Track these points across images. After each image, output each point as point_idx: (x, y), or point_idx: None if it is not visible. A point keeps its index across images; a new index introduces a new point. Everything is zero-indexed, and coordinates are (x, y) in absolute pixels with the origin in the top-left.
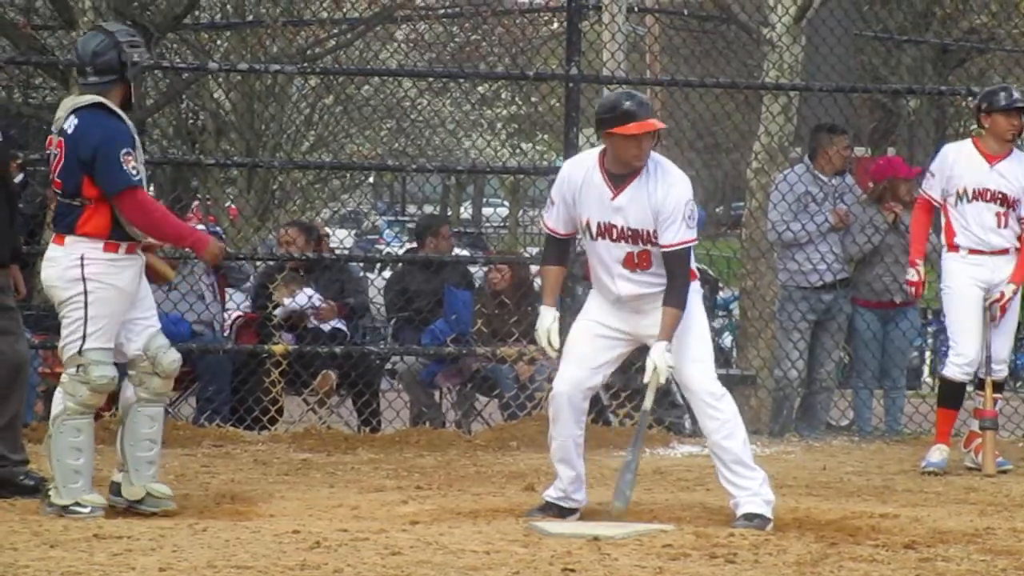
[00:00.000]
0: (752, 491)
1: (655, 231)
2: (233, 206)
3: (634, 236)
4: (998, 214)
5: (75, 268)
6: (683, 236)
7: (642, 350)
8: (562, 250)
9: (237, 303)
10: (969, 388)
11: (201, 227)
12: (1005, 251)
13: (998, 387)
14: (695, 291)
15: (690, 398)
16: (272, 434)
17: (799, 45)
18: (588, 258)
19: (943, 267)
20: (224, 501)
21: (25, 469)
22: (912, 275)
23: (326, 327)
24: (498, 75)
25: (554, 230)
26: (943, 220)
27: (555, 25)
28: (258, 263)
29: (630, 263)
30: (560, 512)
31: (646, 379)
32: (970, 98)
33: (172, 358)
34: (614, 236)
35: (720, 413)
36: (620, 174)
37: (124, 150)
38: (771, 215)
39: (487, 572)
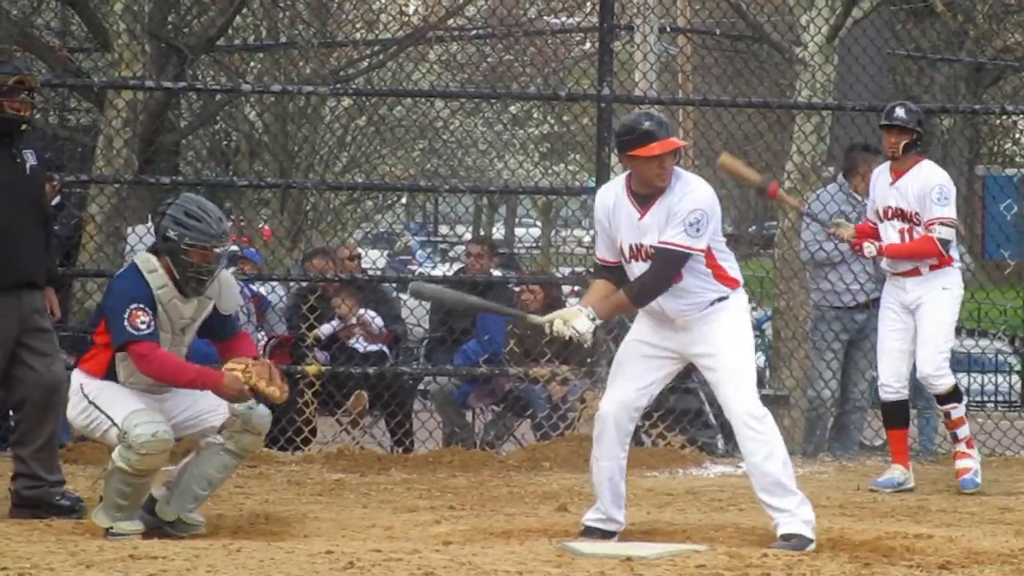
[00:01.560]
0: (791, 512)
1: None
2: (266, 227)
3: None
4: (901, 231)
5: (77, 397)
6: (676, 239)
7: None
8: (611, 272)
9: (271, 324)
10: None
11: (235, 248)
12: (916, 272)
13: (942, 399)
14: (743, 308)
15: (730, 418)
16: (305, 454)
17: (832, 64)
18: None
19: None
20: (258, 521)
21: (61, 490)
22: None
23: (368, 347)
24: (530, 95)
25: (602, 258)
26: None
27: (587, 45)
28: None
29: None
30: (602, 535)
31: (554, 328)
32: (1003, 117)
33: (262, 414)
34: (644, 256)
35: (760, 434)
36: (646, 194)
37: (134, 305)
38: (804, 235)
39: None
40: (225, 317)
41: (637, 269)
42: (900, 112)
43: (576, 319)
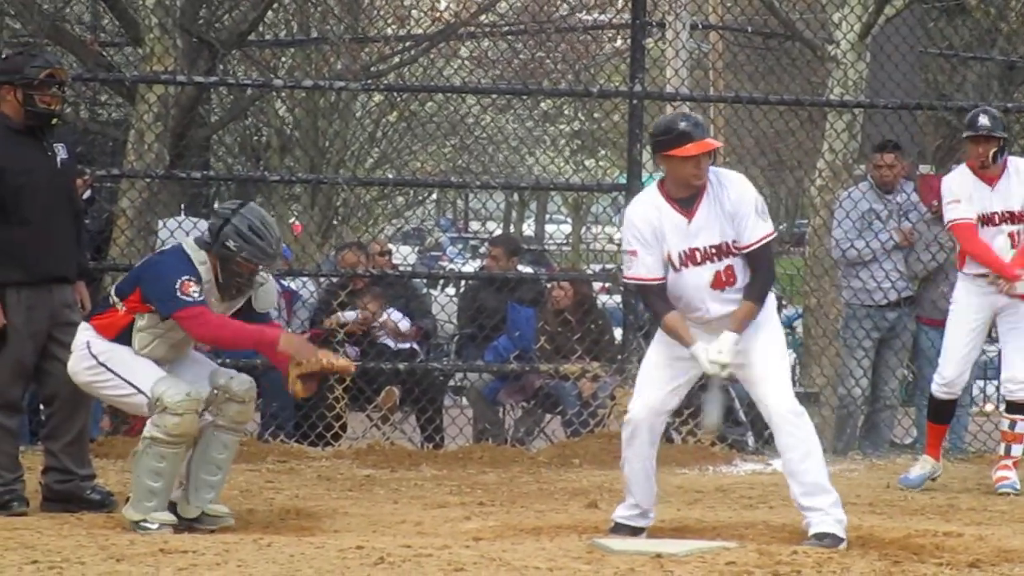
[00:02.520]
0: (823, 511)
1: (734, 239)
2: (297, 223)
3: (718, 252)
4: (1010, 234)
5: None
6: (762, 231)
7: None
8: (665, 294)
9: (301, 319)
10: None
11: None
12: None
13: (1014, 408)
14: (773, 306)
15: (767, 415)
16: (336, 450)
17: (864, 62)
18: (671, 292)
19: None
20: (288, 516)
21: (92, 484)
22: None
23: (399, 346)
24: (562, 92)
25: (649, 278)
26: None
27: (619, 42)
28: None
29: (719, 283)
30: (632, 531)
31: (705, 368)
32: None
33: (242, 380)
34: (698, 260)
35: (798, 431)
36: (685, 197)
37: (186, 276)
38: (835, 233)
39: None
40: (260, 315)
41: (688, 276)
42: (985, 120)
43: (723, 349)
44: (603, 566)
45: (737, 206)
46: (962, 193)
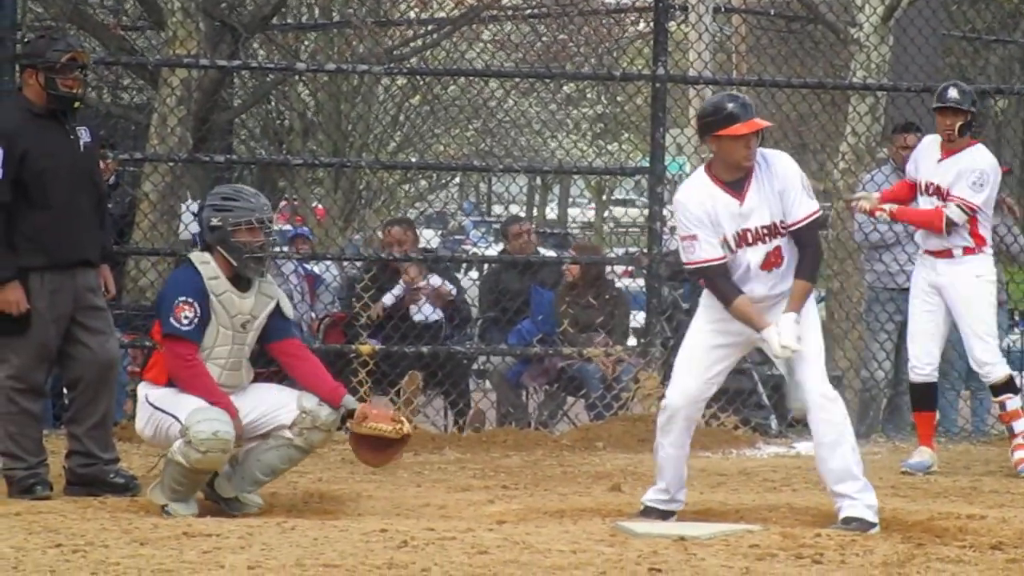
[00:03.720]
0: (853, 497)
1: (782, 219)
2: (320, 206)
3: (769, 232)
4: (937, 208)
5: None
6: (808, 207)
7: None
8: (730, 274)
9: (324, 303)
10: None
11: (288, 227)
12: (947, 253)
13: (996, 390)
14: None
15: (802, 398)
16: None
17: (887, 45)
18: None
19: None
20: (312, 500)
21: (115, 467)
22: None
23: (427, 316)
24: (584, 75)
25: (714, 258)
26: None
27: (641, 25)
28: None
29: (768, 263)
30: (661, 515)
31: (775, 352)
32: None
33: (330, 412)
34: (750, 240)
35: (832, 416)
36: (735, 179)
37: (181, 298)
38: (857, 216)
39: (573, 572)
40: (284, 319)
41: (743, 256)
42: (953, 93)
43: (789, 328)
44: (626, 549)
45: (784, 183)
46: (916, 161)
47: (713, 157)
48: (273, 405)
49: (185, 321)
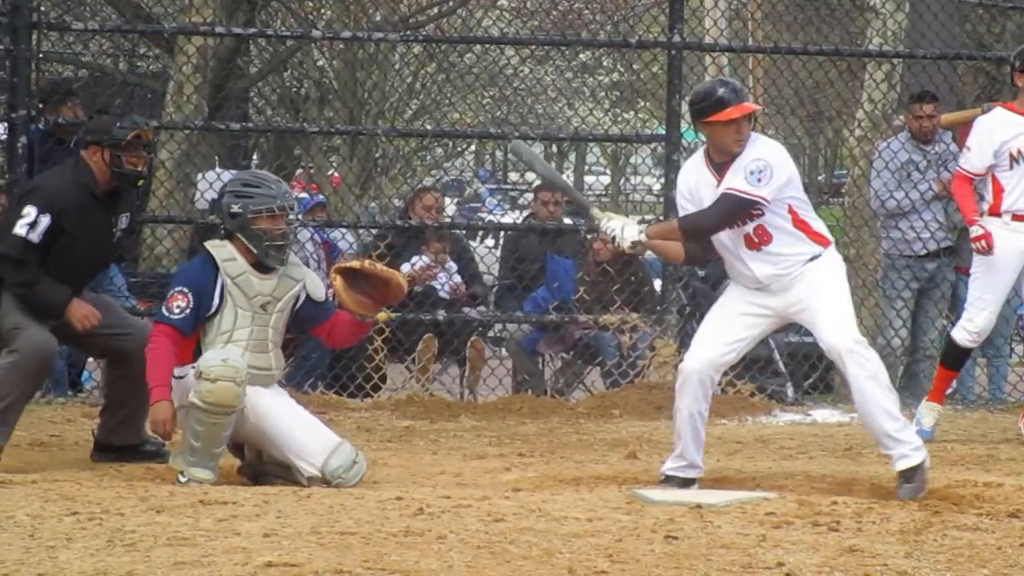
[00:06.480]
0: (897, 439)
1: None
2: (336, 174)
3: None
4: None
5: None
6: (736, 184)
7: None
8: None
9: None
10: None
11: (304, 195)
12: None
13: None
14: (838, 264)
15: (834, 354)
16: (375, 401)
17: (903, 12)
18: (720, 255)
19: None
20: None
21: (146, 435)
22: (977, 231)
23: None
24: (600, 43)
25: None
26: (991, 186)
27: None
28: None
29: (752, 243)
30: (682, 483)
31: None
32: None
33: (360, 470)
34: None
35: (866, 359)
36: (722, 162)
37: (178, 288)
38: (874, 183)
39: (589, 539)
40: (318, 303)
41: (724, 237)
42: None
43: (628, 226)
44: (643, 516)
45: (743, 162)
46: (994, 134)
47: (707, 141)
48: (301, 451)
49: (176, 310)
